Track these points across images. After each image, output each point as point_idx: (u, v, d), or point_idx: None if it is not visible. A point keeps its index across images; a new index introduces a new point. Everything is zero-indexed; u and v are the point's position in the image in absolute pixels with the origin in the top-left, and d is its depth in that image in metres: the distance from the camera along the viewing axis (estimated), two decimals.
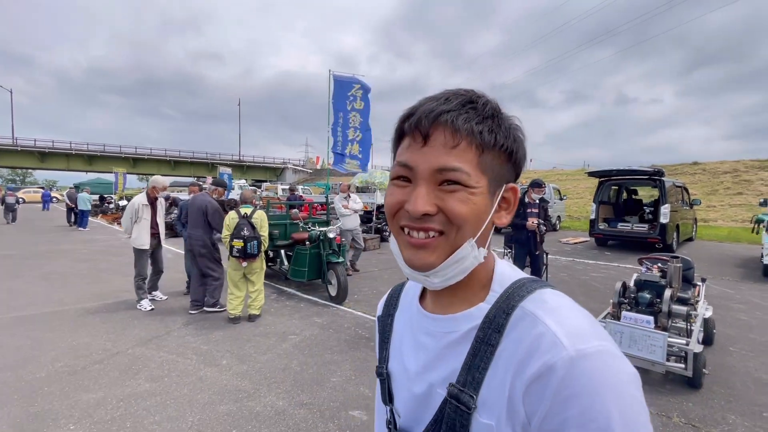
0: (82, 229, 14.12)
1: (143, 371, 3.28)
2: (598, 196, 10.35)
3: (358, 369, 3.36)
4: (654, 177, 9.25)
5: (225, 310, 4.65)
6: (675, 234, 9.47)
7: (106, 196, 23.59)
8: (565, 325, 0.45)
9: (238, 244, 4.20)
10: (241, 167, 51.89)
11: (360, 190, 15.44)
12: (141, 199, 4.90)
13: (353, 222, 6.96)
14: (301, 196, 14.48)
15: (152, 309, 4.82)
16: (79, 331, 4.17)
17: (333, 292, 5.25)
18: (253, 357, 3.58)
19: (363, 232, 10.04)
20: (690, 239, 11.57)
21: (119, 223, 15.41)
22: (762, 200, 8.49)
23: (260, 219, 4.43)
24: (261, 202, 7.50)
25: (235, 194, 15.82)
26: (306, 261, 5.38)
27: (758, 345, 3.96)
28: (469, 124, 0.49)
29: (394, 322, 0.66)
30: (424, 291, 0.63)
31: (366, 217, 14.08)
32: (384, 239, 10.97)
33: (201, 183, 7.50)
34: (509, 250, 5.66)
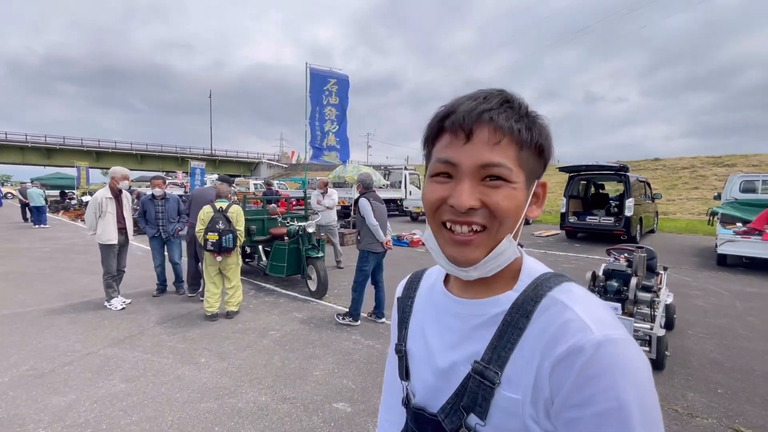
0: (42, 226, 13.33)
1: (117, 372, 3.17)
2: (568, 190, 10.75)
3: (341, 362, 3.38)
4: (619, 172, 9.69)
5: None
6: (638, 226, 9.98)
7: (67, 191, 22.35)
8: (592, 314, 0.48)
9: (213, 237, 4.12)
10: (212, 162, 50.35)
11: (336, 185, 15.37)
12: (104, 192, 4.67)
13: (327, 218, 6.95)
14: (277, 191, 14.23)
15: (123, 308, 4.63)
16: (45, 332, 3.97)
17: (313, 287, 5.23)
18: (233, 354, 3.53)
19: (341, 227, 10.03)
20: (652, 231, 12.22)
21: (83, 220, 14.66)
22: (716, 194, 9.07)
23: (236, 213, 4.34)
24: (236, 198, 7.35)
25: None
26: (285, 256, 5.32)
27: (713, 328, 4.26)
28: (509, 122, 0.51)
29: (414, 303, 0.69)
30: (447, 275, 0.66)
31: (343, 212, 14.04)
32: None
33: (167, 177, 7.23)
34: None
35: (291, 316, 4.52)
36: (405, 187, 17.53)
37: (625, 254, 3.90)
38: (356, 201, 4.31)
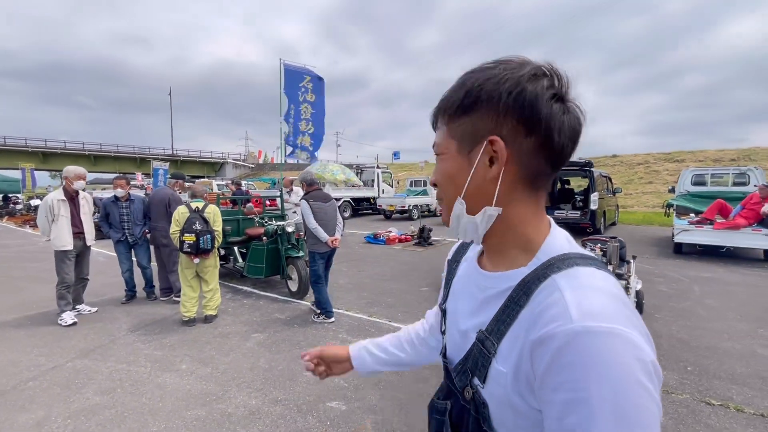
0: None
1: (90, 384, 2.96)
2: None
3: None
4: (585, 168, 10.16)
5: None
6: (602, 219, 10.52)
7: (11, 195, 20.65)
8: (583, 303, 0.46)
9: (190, 238, 3.92)
10: (174, 162, 48.07)
11: (295, 184, 15.14)
12: (56, 194, 4.27)
13: (294, 216, 6.88)
14: (247, 191, 13.83)
15: (74, 323, 4.18)
16: (0, 347, 3.64)
17: (293, 287, 5.12)
18: (216, 359, 3.39)
19: None
20: (614, 223, 12.92)
21: (32, 225, 13.58)
22: (671, 187, 9.72)
23: (213, 213, 4.16)
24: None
25: None
26: (263, 257, 5.17)
27: (677, 311, 4.56)
28: (442, 104, 0.58)
29: (459, 267, 0.74)
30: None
31: None
32: None
33: (129, 178, 6.83)
34: None
35: (273, 318, 4.40)
36: (378, 186, 17.55)
37: (599, 245, 4.09)
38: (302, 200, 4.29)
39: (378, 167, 18.30)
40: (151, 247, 5.12)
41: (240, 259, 5.88)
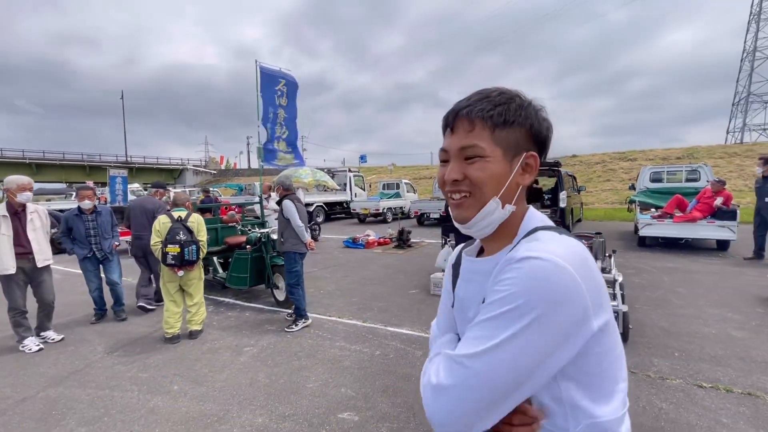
0: None
1: (70, 415, 2.68)
2: None
3: (333, 371, 3.22)
4: (553, 168, 10.60)
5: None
6: (570, 216, 11.00)
7: None
8: (532, 246, 0.61)
9: (174, 250, 3.69)
10: (129, 169, 45.37)
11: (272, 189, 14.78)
12: None
13: (272, 221, 6.71)
14: (216, 198, 13.28)
15: (40, 349, 3.80)
16: None
17: (281, 296, 4.94)
18: (210, 376, 3.19)
19: None
20: (579, 220, 13.55)
21: None
22: (631, 185, 10.35)
23: (197, 223, 3.93)
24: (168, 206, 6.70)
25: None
26: (248, 266, 4.95)
27: (654, 300, 4.84)
28: (482, 113, 0.66)
29: (461, 268, 0.83)
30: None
31: None
32: (315, 239, 10.65)
33: (95, 187, 6.38)
34: (449, 240, 5.98)
35: (263, 329, 4.21)
36: (350, 190, 17.43)
37: (586, 240, 4.25)
38: (278, 203, 4.24)
39: (350, 171, 18.18)
40: (128, 260, 4.76)
41: (220, 270, 5.61)
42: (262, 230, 5.09)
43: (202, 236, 3.92)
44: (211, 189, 16.73)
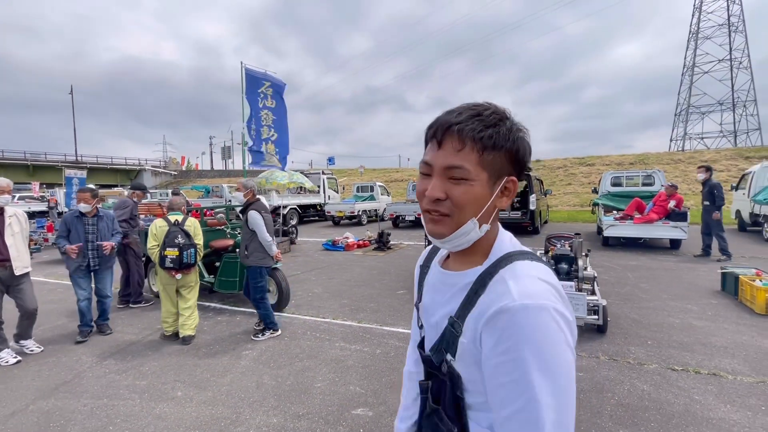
0: None
1: (71, 426, 2.59)
2: None
3: (338, 370, 3.29)
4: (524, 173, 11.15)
5: (151, 303, 4.82)
6: (539, 218, 11.61)
7: None
8: (521, 288, 0.62)
9: (173, 253, 3.65)
10: (80, 169, 42.45)
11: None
12: None
13: None
14: (187, 201, 12.75)
15: (18, 361, 3.57)
16: None
17: (272, 300, 4.90)
18: (213, 381, 3.16)
19: None
20: (546, 222, 14.32)
21: None
22: (594, 188, 11.08)
23: (194, 226, 3.88)
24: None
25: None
26: (237, 270, 4.89)
27: (622, 295, 5.27)
28: (473, 133, 0.65)
29: (429, 269, 0.86)
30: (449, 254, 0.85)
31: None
32: (293, 242, 10.55)
33: (96, 189, 6.10)
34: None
35: None
36: (324, 192, 17.35)
37: (567, 241, 4.59)
38: (243, 210, 3.99)
39: (324, 173, 18.09)
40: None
41: (206, 274, 5.48)
42: None
43: (199, 240, 3.87)
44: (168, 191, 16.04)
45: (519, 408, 0.58)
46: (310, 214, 17.04)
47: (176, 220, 3.84)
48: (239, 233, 5.15)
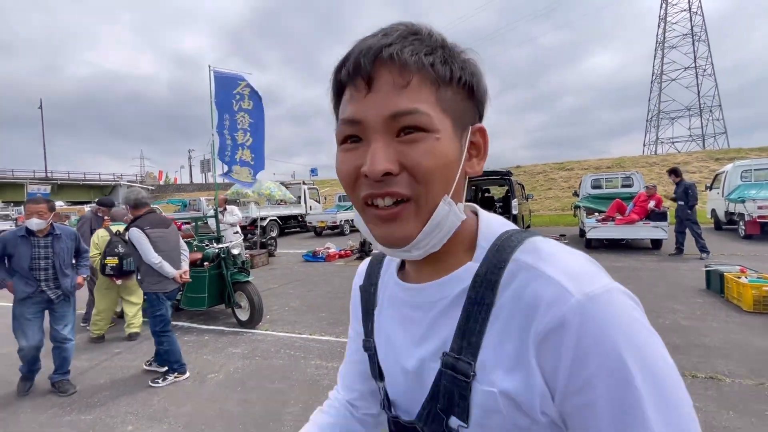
0: None
1: None
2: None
3: (312, 392, 2.99)
4: (505, 177, 11.13)
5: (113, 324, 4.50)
6: (522, 223, 11.57)
7: None
8: (566, 270, 0.40)
9: (112, 261, 3.94)
10: (51, 186, 40.80)
11: (228, 202, 14.02)
12: None
13: (230, 236, 6.37)
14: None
15: None
16: None
17: (244, 316, 4.56)
18: (170, 410, 2.81)
19: (246, 248, 9.13)
20: (529, 226, 14.32)
21: None
22: (574, 191, 11.14)
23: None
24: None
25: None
26: (205, 285, 4.52)
27: None
28: (417, 56, 0.41)
29: (377, 291, 0.60)
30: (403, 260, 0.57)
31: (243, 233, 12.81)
32: (271, 254, 10.15)
33: (51, 200, 5.64)
34: None
35: (227, 353, 3.84)
36: (305, 202, 17.01)
37: None
38: (126, 229, 3.37)
39: (304, 183, 17.77)
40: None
41: None
42: (220, 245, 4.71)
43: None
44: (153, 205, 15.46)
45: None
46: (291, 225, 16.64)
47: (118, 230, 4.02)
48: (207, 245, 4.81)
